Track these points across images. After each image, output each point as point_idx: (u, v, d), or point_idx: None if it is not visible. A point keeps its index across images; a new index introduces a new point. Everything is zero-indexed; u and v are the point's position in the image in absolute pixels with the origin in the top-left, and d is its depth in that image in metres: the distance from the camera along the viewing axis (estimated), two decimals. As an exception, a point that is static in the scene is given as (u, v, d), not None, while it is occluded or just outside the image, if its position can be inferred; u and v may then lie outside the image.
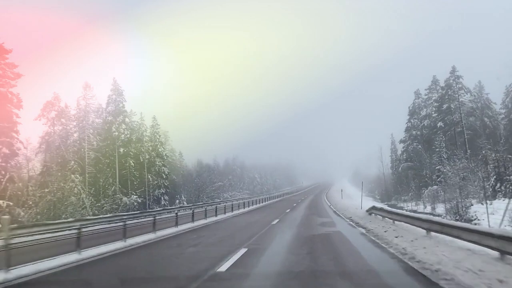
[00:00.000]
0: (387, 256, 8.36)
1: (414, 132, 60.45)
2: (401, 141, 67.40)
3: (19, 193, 28.78)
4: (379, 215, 16.25)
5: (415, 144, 58.03)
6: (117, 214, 30.04)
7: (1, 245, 7.35)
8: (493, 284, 5.38)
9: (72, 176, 35.06)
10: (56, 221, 14.66)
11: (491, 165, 33.40)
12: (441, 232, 9.22)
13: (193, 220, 18.50)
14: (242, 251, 9.20)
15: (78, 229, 9.73)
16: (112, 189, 36.64)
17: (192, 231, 15.19)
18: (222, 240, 12.16)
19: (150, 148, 48.62)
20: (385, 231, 11.94)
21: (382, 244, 9.99)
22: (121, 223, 12.04)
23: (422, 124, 58.96)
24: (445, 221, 11.80)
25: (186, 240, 12.29)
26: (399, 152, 70.11)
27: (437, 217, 15.59)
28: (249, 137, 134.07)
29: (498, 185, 31.68)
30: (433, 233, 9.91)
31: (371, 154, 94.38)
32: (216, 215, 22.91)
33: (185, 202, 49.17)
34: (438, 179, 44.52)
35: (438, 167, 43.55)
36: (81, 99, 44.13)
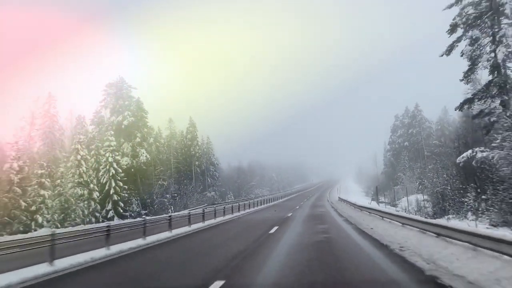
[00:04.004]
0: (335, 212, 38.81)
1: (393, 146, 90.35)
2: (387, 151, 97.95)
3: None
4: (341, 200, 46.89)
5: (391, 155, 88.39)
6: (215, 203, 60.74)
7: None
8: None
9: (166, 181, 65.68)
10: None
11: (416, 175, 63.64)
12: (358, 209, 39.28)
13: (266, 203, 48.93)
14: (298, 206, 40.04)
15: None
16: (201, 188, 67.26)
17: (273, 205, 45.75)
18: (291, 205, 42.38)
19: (206, 158, 79.17)
20: (338, 205, 42.48)
21: (334, 208, 40.46)
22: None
23: (398, 140, 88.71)
24: (356, 202, 42.06)
25: (282, 203, 42.95)
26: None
27: (355, 201, 45.90)
28: (255, 137, 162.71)
29: (420, 186, 61.82)
30: (357, 208, 40.00)
31: (371, 156, 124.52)
32: (271, 202, 53.52)
33: (232, 197, 79.63)
34: (402, 182, 74.79)
35: (399, 174, 73.48)
36: (166, 129, 74.89)
